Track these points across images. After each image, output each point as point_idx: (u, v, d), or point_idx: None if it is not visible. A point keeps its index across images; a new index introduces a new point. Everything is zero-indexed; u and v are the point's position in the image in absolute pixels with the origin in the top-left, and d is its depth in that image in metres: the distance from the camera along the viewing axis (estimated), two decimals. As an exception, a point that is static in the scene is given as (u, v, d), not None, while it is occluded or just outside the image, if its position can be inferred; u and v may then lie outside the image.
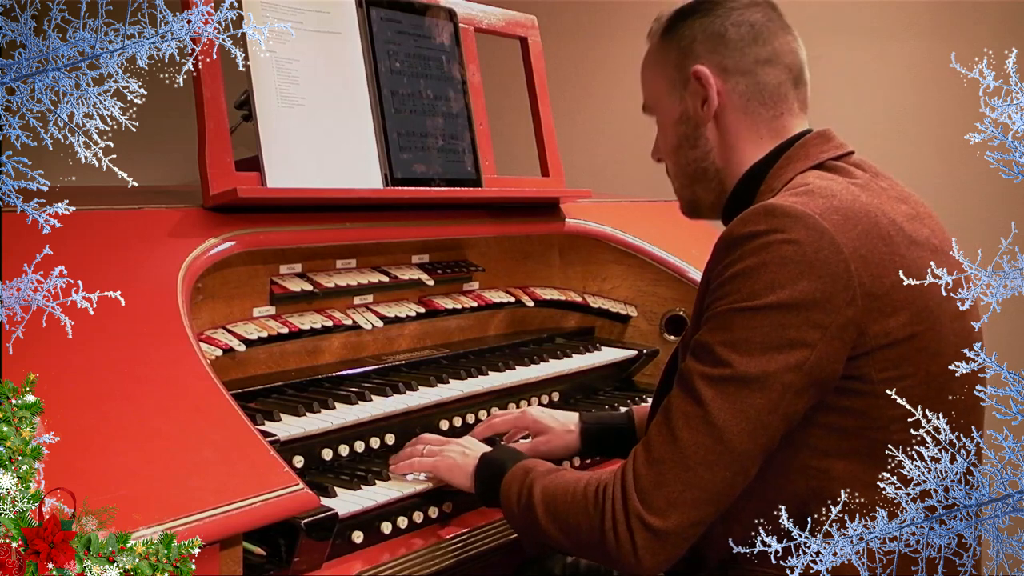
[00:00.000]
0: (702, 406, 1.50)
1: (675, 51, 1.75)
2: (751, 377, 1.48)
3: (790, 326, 1.47)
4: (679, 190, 1.85)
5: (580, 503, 1.60)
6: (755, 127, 1.72)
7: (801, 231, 1.49)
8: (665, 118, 1.80)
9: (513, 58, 2.68)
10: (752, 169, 1.72)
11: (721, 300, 1.52)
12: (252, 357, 2.04)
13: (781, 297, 1.47)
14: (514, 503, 1.70)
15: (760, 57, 1.70)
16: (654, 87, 1.81)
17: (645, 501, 1.52)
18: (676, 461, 1.50)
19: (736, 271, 1.51)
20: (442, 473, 1.87)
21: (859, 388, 1.52)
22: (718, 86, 1.71)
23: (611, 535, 1.54)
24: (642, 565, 1.53)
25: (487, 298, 2.48)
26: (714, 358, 1.51)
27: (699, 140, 1.75)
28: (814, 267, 1.48)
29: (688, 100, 1.75)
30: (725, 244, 1.55)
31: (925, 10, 3.81)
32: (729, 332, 1.50)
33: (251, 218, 1.97)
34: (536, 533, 1.68)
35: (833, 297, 1.48)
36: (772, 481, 1.56)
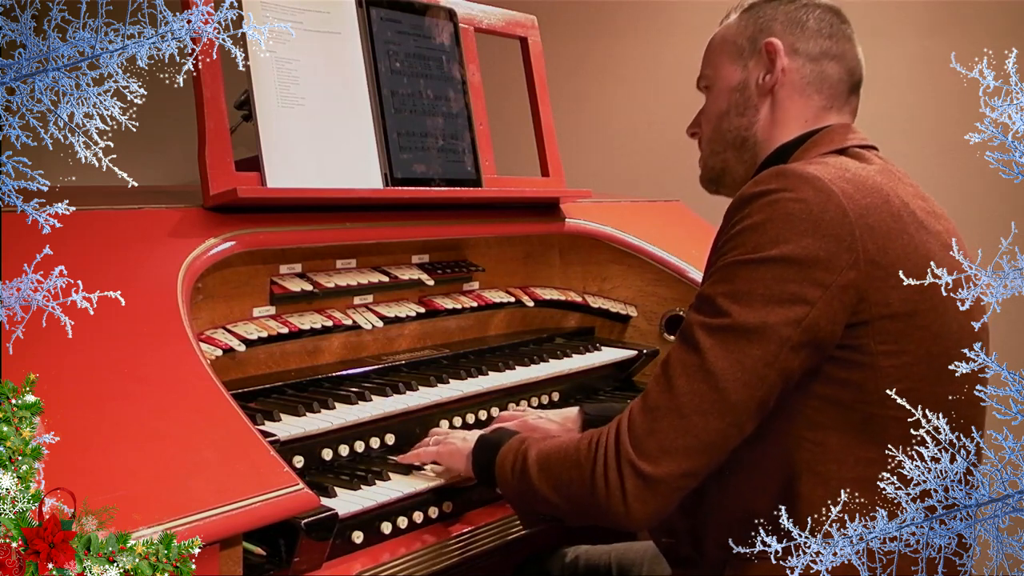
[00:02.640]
0: (699, 354, 1.52)
1: (752, 26, 1.81)
2: (750, 327, 1.50)
3: (791, 280, 1.49)
4: (708, 157, 1.88)
5: (572, 457, 1.61)
6: (804, 111, 1.77)
7: (809, 191, 1.52)
8: (721, 84, 1.84)
9: (513, 58, 2.68)
10: (780, 148, 1.76)
11: (727, 254, 1.55)
12: (252, 357, 2.04)
13: (784, 251, 1.50)
14: (509, 472, 1.72)
15: (830, 51, 1.77)
16: (717, 56, 1.85)
17: (637, 447, 1.52)
18: (671, 408, 1.52)
19: (744, 226, 1.54)
20: (444, 459, 1.88)
21: (858, 360, 1.53)
22: (785, 63, 1.76)
23: (601, 481, 1.55)
24: (631, 514, 1.53)
25: (487, 298, 2.48)
26: (715, 308, 1.53)
27: (748, 109, 1.80)
28: (819, 226, 1.50)
29: (752, 69, 1.80)
30: (735, 204, 1.58)
31: (925, 10, 3.82)
32: (731, 283, 1.53)
33: (251, 218, 1.97)
34: (531, 499, 1.69)
35: (835, 257, 1.50)
36: (766, 450, 1.57)
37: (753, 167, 1.80)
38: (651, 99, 4.28)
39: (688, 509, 1.65)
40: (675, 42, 4.19)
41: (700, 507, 1.61)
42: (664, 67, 4.24)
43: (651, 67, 4.28)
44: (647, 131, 4.30)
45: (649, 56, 4.27)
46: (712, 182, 1.89)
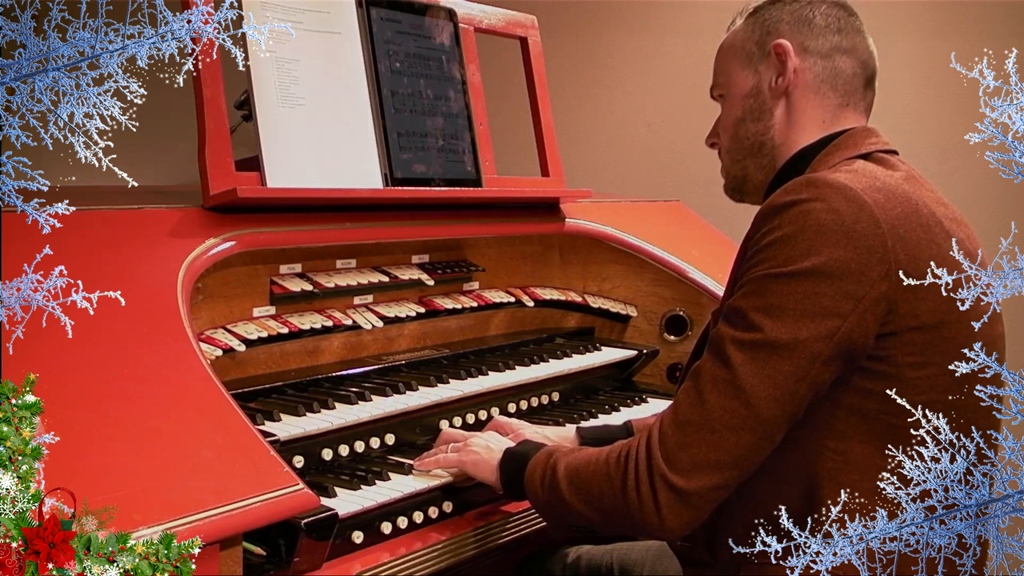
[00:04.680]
0: (731, 370, 1.51)
1: (759, 29, 1.79)
2: (781, 343, 1.49)
3: (824, 295, 1.49)
4: (729, 166, 1.86)
5: (603, 470, 1.62)
6: (820, 111, 1.75)
7: (841, 202, 1.51)
8: (734, 91, 1.82)
9: (513, 58, 2.68)
10: (801, 152, 1.75)
11: (757, 266, 1.54)
12: (252, 357, 2.04)
13: (816, 263, 1.49)
14: (538, 485, 1.72)
15: (840, 46, 1.75)
16: (728, 63, 1.83)
17: (670, 461, 1.53)
18: (702, 424, 1.52)
19: (774, 238, 1.53)
20: (468, 468, 1.88)
21: (884, 371, 1.53)
22: (796, 63, 1.74)
23: (633, 495, 1.55)
24: (665, 525, 1.54)
25: (487, 298, 2.48)
26: (746, 323, 1.52)
27: (763, 114, 1.78)
28: (851, 237, 1.49)
29: (763, 73, 1.78)
30: (765, 213, 1.57)
31: (925, 10, 3.81)
32: (763, 297, 1.52)
33: (251, 218, 1.97)
34: (562, 511, 1.69)
35: (868, 269, 1.49)
36: (788, 458, 1.57)
37: (772, 172, 1.78)
38: (651, 99, 4.28)
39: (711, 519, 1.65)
40: (675, 42, 4.19)
41: (720, 513, 1.60)
42: (664, 67, 4.24)
43: (651, 67, 4.28)
44: (647, 131, 4.30)
45: (649, 56, 4.27)
46: (736, 191, 1.87)
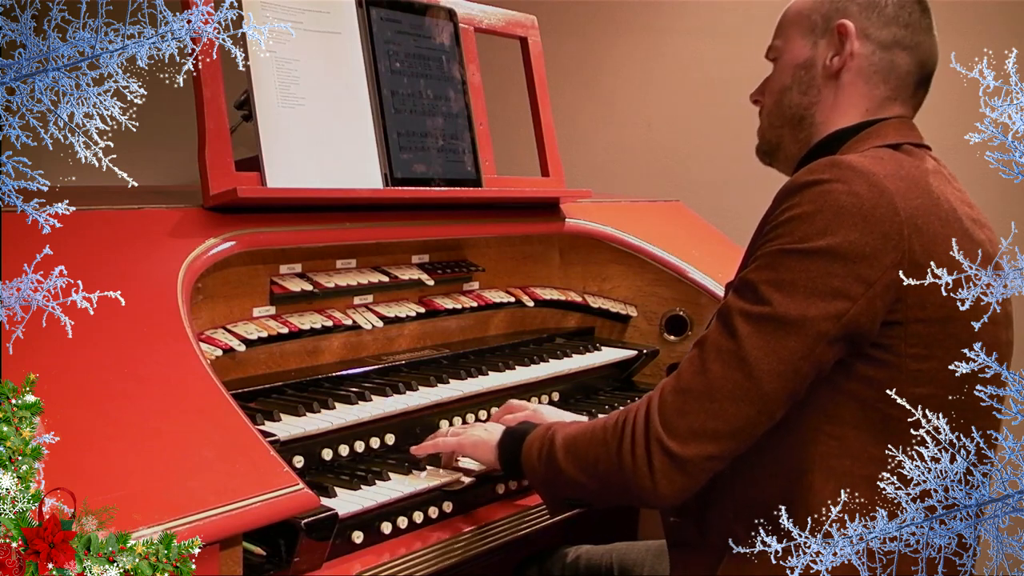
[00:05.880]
0: (736, 340, 1.52)
1: (829, 3, 1.77)
2: (790, 319, 1.50)
3: (835, 275, 1.49)
4: (766, 129, 1.86)
5: (599, 435, 1.63)
6: (867, 99, 1.74)
7: (863, 185, 1.52)
8: (788, 57, 1.81)
9: (513, 58, 2.68)
10: (837, 133, 1.74)
11: (773, 241, 1.55)
12: (252, 357, 2.04)
13: (831, 243, 1.49)
14: (535, 459, 1.73)
15: (903, 41, 1.74)
16: (789, 28, 1.82)
17: (667, 426, 1.54)
18: (703, 392, 1.53)
19: (793, 215, 1.53)
20: (467, 450, 1.89)
21: (886, 359, 1.53)
22: (855, 47, 1.73)
23: (628, 458, 1.56)
24: (658, 491, 1.54)
25: (487, 298, 2.48)
26: (756, 296, 1.53)
27: (811, 88, 1.77)
28: (868, 221, 1.50)
29: (821, 48, 1.76)
30: (787, 190, 1.58)
31: (925, 10, 3.81)
32: (775, 272, 1.52)
33: (251, 218, 1.97)
34: (558, 483, 1.70)
35: (881, 255, 1.50)
36: (783, 439, 1.58)
37: (806, 147, 1.78)
38: (651, 99, 4.28)
39: (699, 489, 1.65)
40: (675, 42, 4.19)
41: (711, 489, 1.62)
42: (664, 67, 4.24)
43: (651, 67, 4.28)
44: (647, 131, 4.30)
45: (649, 56, 4.27)
46: (767, 155, 1.87)
